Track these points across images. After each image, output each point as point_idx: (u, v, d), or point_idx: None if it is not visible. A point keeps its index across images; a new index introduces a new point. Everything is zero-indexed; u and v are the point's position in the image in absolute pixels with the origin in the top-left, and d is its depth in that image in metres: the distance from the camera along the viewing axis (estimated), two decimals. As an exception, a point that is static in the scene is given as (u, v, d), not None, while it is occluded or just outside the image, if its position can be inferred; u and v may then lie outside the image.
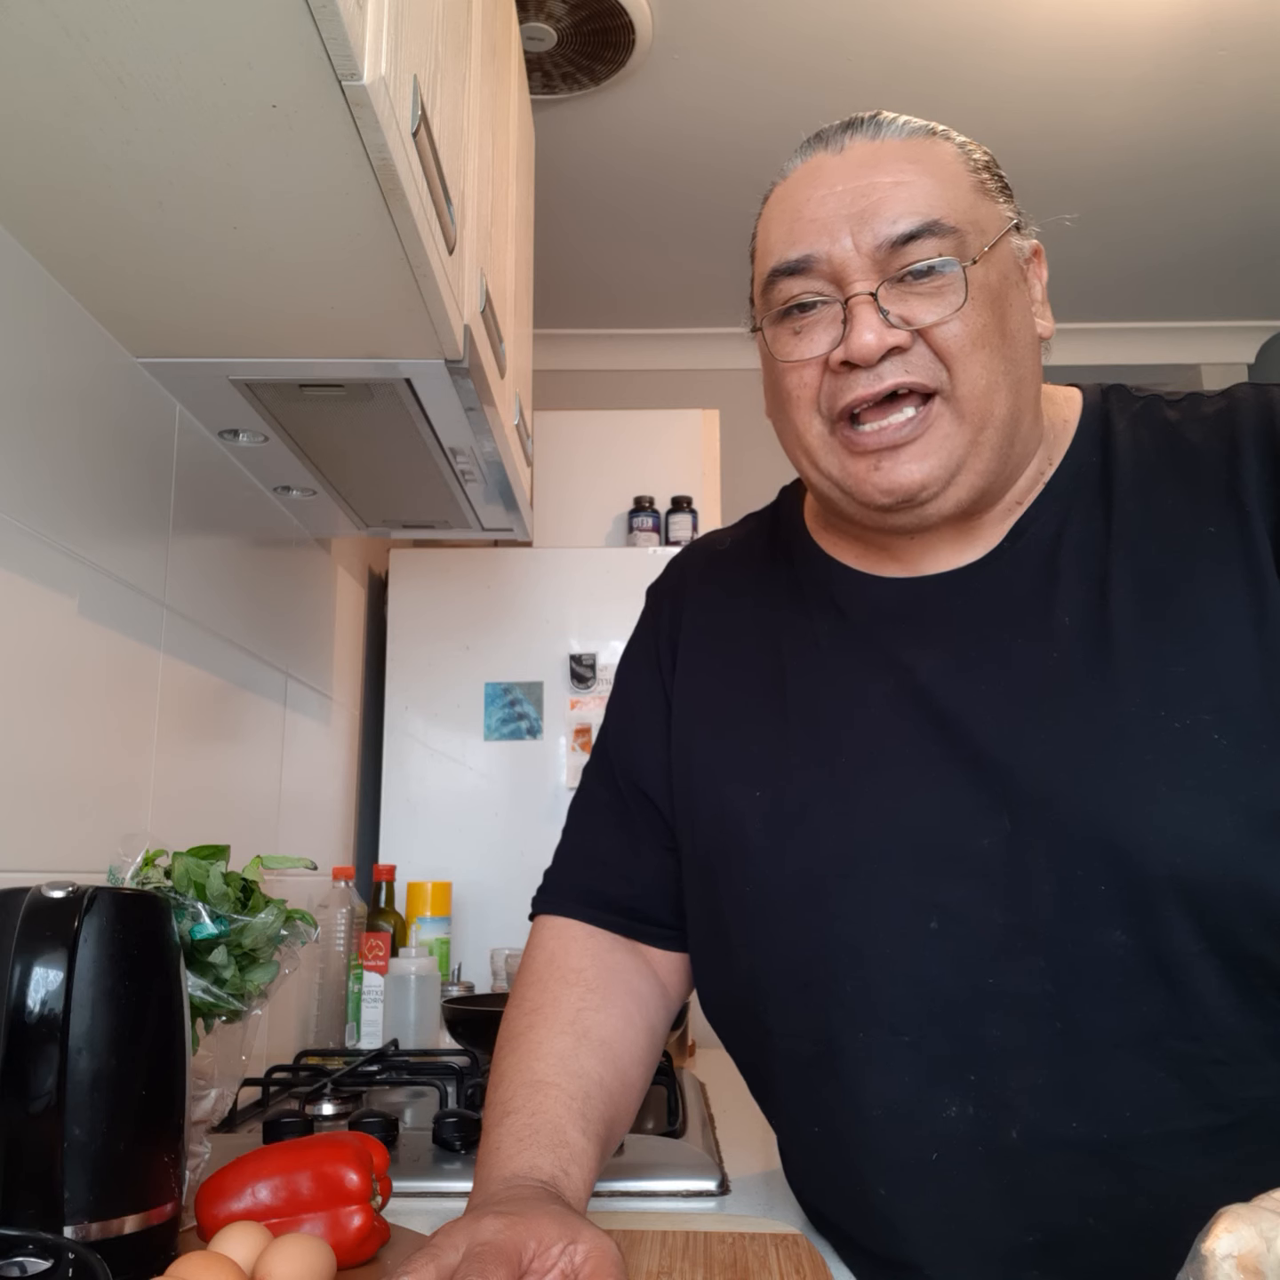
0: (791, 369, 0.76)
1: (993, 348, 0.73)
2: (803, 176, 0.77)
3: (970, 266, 0.73)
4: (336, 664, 2.07)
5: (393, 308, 1.06)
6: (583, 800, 0.95)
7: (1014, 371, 0.75)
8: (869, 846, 0.75)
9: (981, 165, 0.78)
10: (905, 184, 0.73)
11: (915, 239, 0.72)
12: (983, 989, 0.70)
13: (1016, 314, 0.76)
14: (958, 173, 0.76)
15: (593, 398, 3.21)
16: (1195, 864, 0.66)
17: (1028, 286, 0.79)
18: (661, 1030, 0.87)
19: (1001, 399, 0.74)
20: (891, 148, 0.75)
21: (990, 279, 0.74)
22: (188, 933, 0.87)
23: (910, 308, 0.73)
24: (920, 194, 0.73)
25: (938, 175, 0.74)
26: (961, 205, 0.74)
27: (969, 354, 0.72)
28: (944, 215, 0.73)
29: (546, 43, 2.06)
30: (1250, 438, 0.74)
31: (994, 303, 0.74)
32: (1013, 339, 0.75)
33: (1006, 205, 0.78)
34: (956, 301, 0.72)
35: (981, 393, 0.73)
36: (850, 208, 0.73)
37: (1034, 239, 0.80)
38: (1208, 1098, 0.67)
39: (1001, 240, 0.76)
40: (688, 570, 0.96)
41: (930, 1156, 0.71)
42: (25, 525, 1.02)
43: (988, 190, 0.77)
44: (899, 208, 0.73)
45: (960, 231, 0.73)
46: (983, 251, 0.74)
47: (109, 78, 0.76)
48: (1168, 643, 0.71)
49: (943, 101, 2.24)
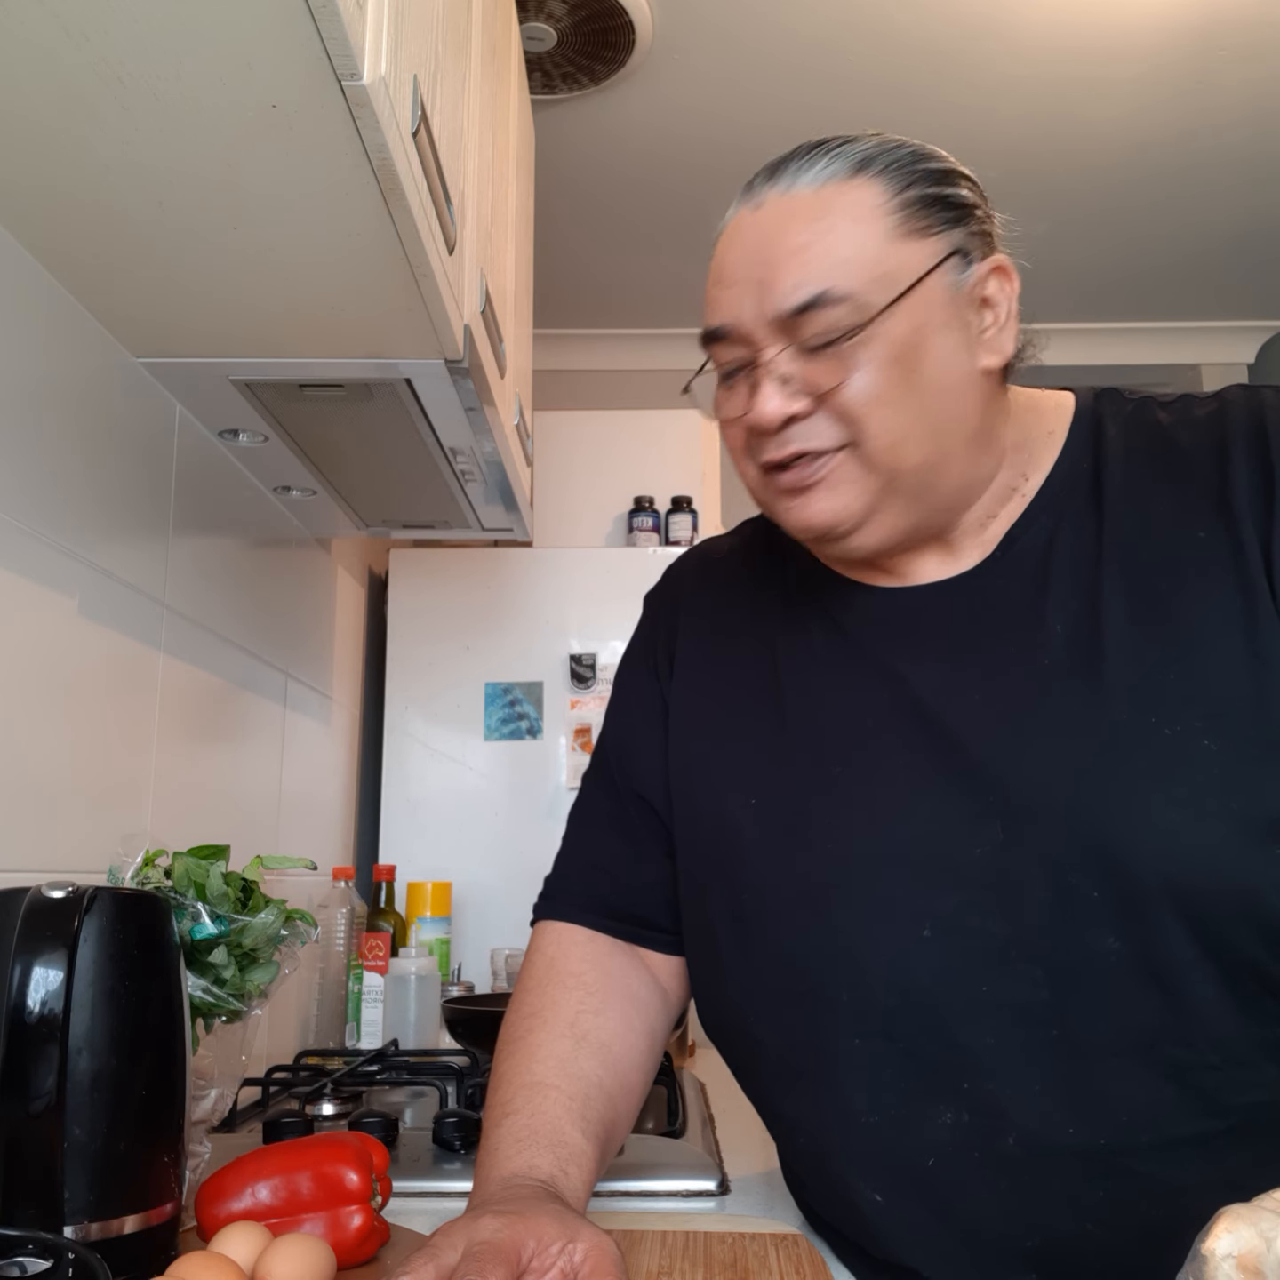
0: (725, 424, 0.79)
1: (895, 404, 0.72)
2: (728, 235, 0.78)
3: (870, 326, 0.71)
4: (336, 664, 2.07)
5: (393, 308, 1.06)
6: (582, 807, 0.95)
7: (931, 420, 0.73)
8: (863, 855, 0.75)
9: (912, 200, 0.74)
10: (803, 250, 0.72)
11: (809, 309, 0.72)
12: (977, 997, 0.70)
13: (940, 357, 0.73)
14: (869, 221, 0.73)
15: (593, 398, 3.21)
16: (1187, 870, 0.66)
17: (974, 315, 0.75)
18: (661, 1034, 0.87)
19: (911, 450, 0.73)
20: (801, 203, 0.74)
21: (899, 331, 0.72)
22: (188, 933, 0.87)
23: (812, 373, 0.73)
24: (816, 261, 0.72)
25: (840, 232, 0.72)
26: (863, 261, 0.72)
27: (871, 413, 0.72)
28: (836, 283, 0.71)
29: (546, 43, 2.06)
30: (1240, 441, 0.73)
31: (903, 356, 0.72)
32: (930, 387, 0.73)
33: (942, 235, 0.74)
34: (854, 365, 0.72)
35: (888, 446, 0.73)
36: (753, 276, 0.74)
37: (995, 256, 0.76)
38: (1204, 1103, 0.67)
39: (924, 282, 0.72)
40: (684, 577, 0.96)
41: (926, 1163, 0.71)
42: (25, 525, 1.02)
43: (913, 229, 0.73)
44: (793, 278, 0.72)
45: (854, 296, 0.71)
46: (888, 306, 0.71)
47: (109, 78, 0.76)
48: (1158, 649, 0.70)
49: (942, 101, 2.22)
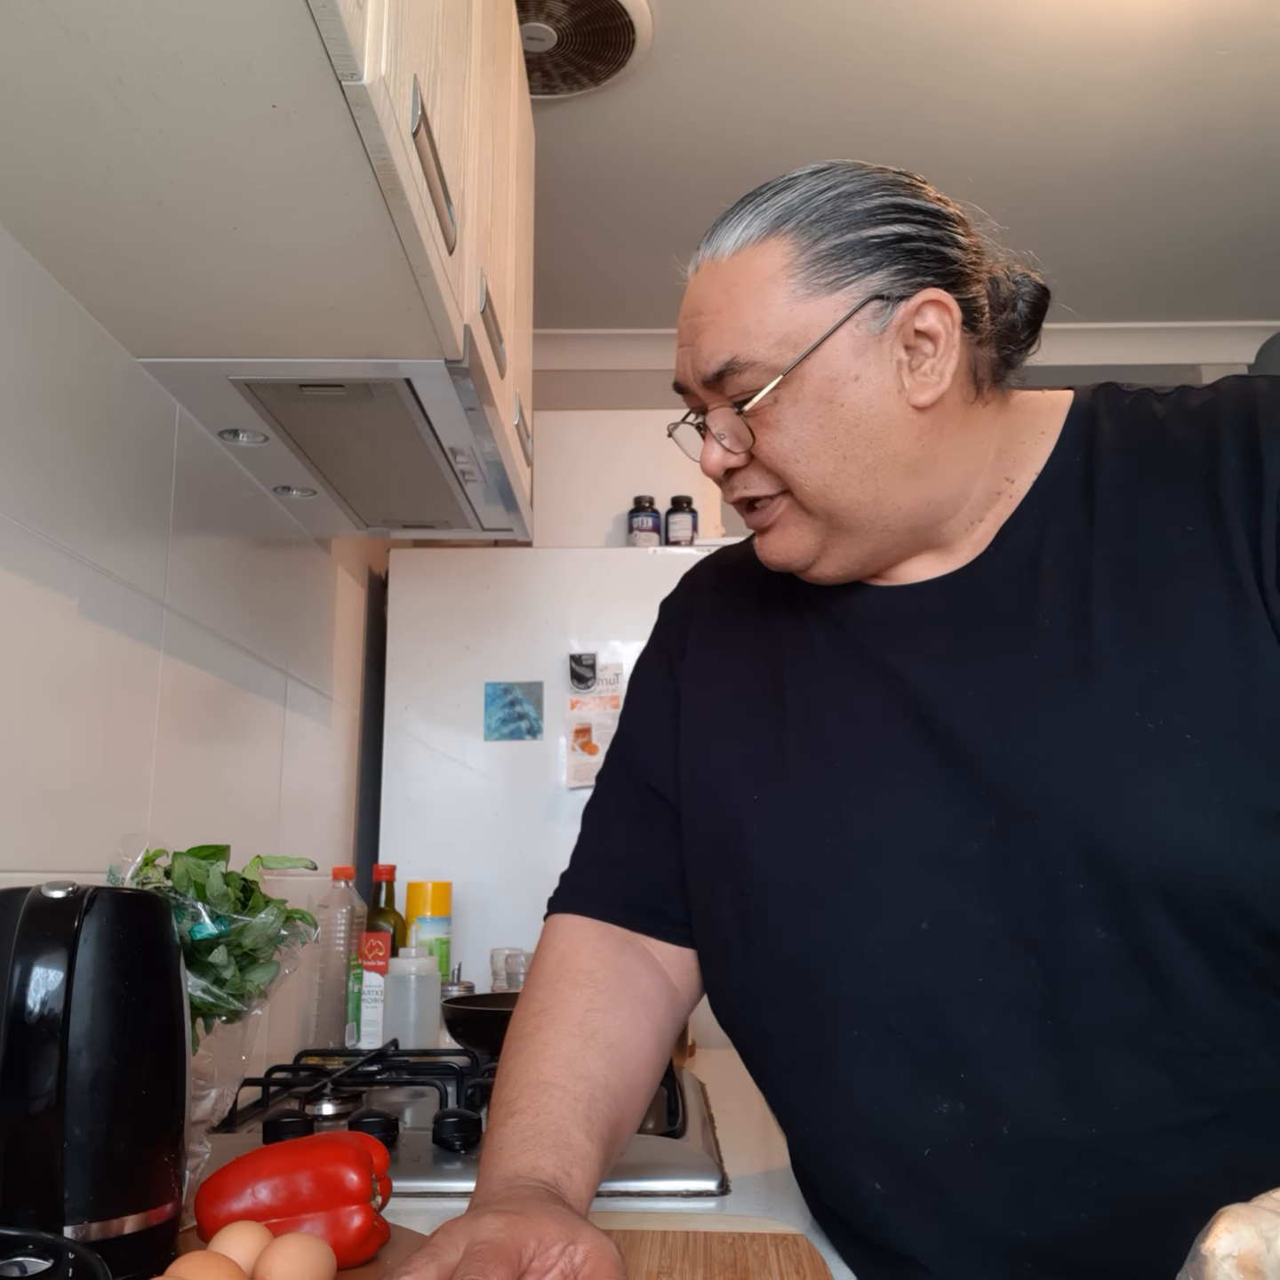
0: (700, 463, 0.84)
1: (812, 456, 0.76)
2: (683, 294, 0.83)
3: (779, 388, 0.75)
4: (336, 664, 2.07)
5: (393, 307, 1.06)
6: (598, 804, 0.96)
7: (852, 465, 0.76)
8: (862, 850, 0.76)
9: (823, 254, 0.75)
10: (716, 318, 0.77)
11: (724, 375, 0.77)
12: (974, 989, 0.71)
13: (854, 406, 0.75)
14: (774, 286, 0.75)
15: (593, 398, 3.21)
16: (1172, 862, 0.67)
17: (902, 354, 0.75)
18: (670, 1035, 0.87)
19: (839, 494, 0.77)
20: (719, 270, 0.78)
21: (809, 387, 0.75)
22: (188, 933, 0.87)
23: (739, 429, 0.79)
24: (727, 329, 0.77)
25: (747, 301, 0.76)
26: (766, 329, 0.75)
27: (790, 466, 0.77)
28: (740, 351, 0.76)
29: (546, 43, 2.06)
30: (1230, 432, 0.73)
31: (809, 414, 0.75)
32: (847, 435, 0.75)
33: (855, 284, 0.75)
34: (773, 421, 0.76)
35: (814, 493, 0.77)
36: (688, 340, 0.80)
37: (927, 291, 0.75)
38: (1195, 1091, 0.68)
39: (830, 339, 0.74)
40: (697, 584, 0.99)
41: (923, 1153, 0.72)
42: (25, 525, 1.02)
43: (822, 284, 0.75)
44: (709, 346, 0.77)
45: (760, 362, 0.75)
46: (793, 367, 0.75)
47: (109, 78, 0.76)
48: (1144, 644, 0.71)
49: (943, 100, 2.23)
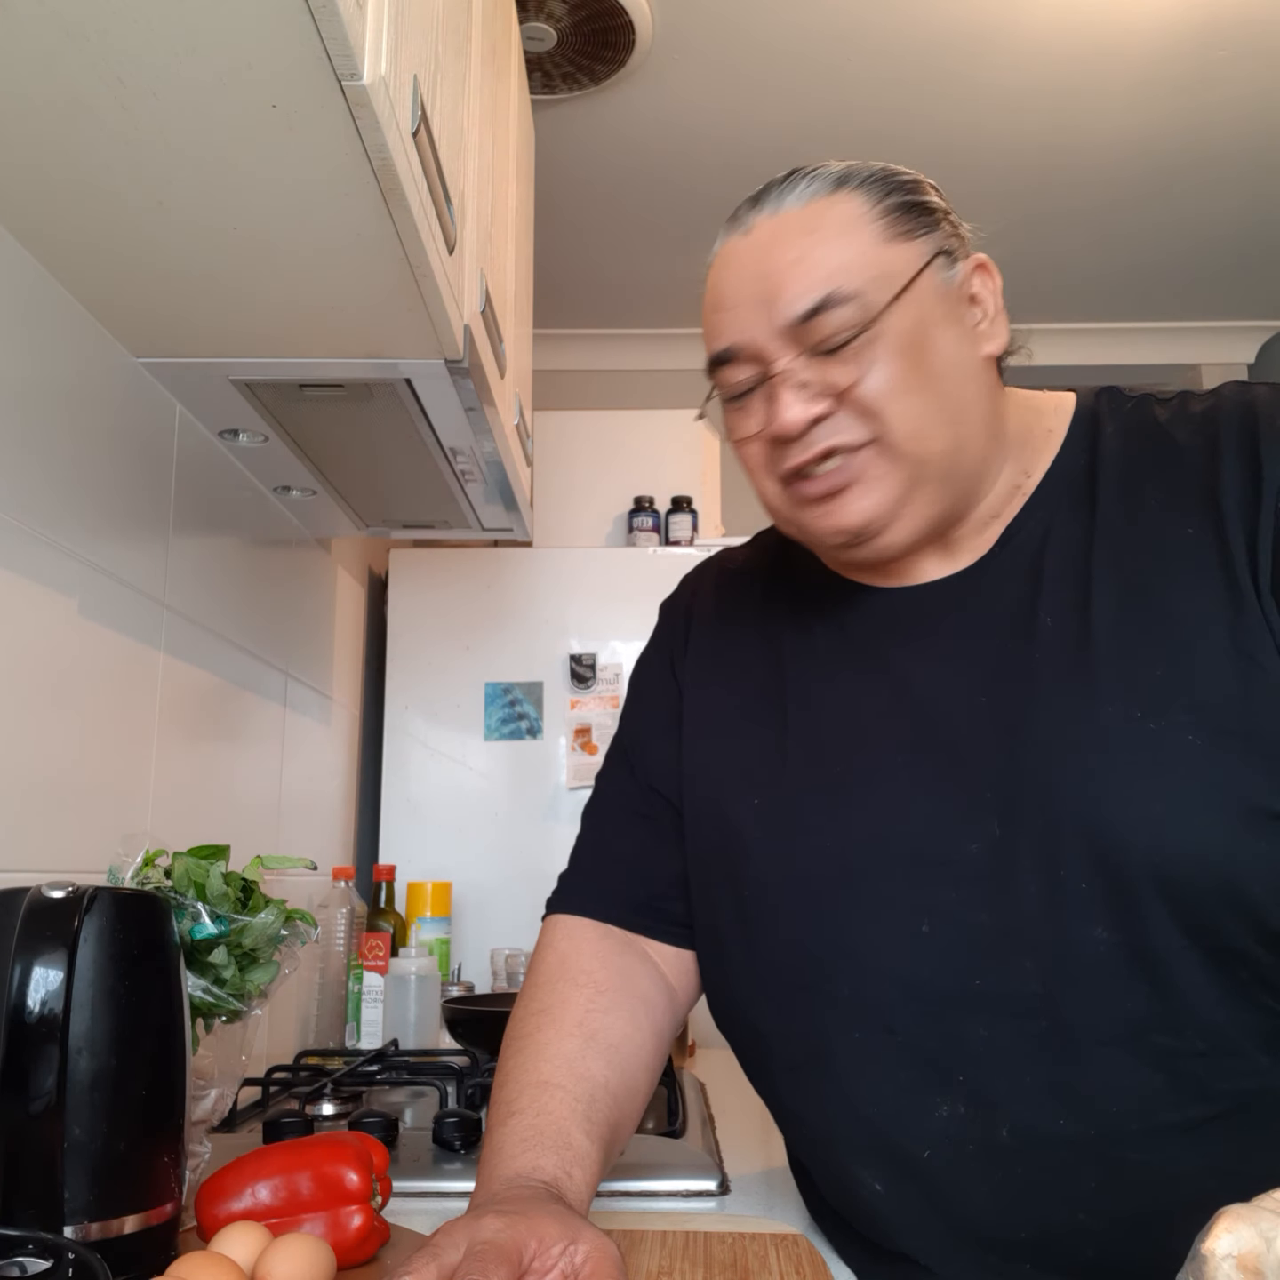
0: (740, 445, 0.81)
1: (915, 390, 0.75)
2: (719, 264, 0.80)
3: (877, 322, 0.74)
4: (336, 664, 2.07)
5: (393, 307, 1.06)
6: (598, 803, 0.96)
7: (946, 406, 0.76)
8: (863, 851, 0.76)
9: (893, 207, 0.77)
10: (802, 259, 0.75)
11: (818, 312, 0.74)
12: (972, 990, 0.71)
13: (944, 348, 0.76)
14: (858, 229, 0.76)
15: (593, 398, 3.21)
16: (1173, 862, 0.67)
17: (966, 310, 0.78)
18: (668, 1036, 0.88)
19: (935, 436, 0.75)
20: (790, 221, 0.77)
21: (904, 325, 0.74)
22: (188, 933, 0.87)
23: (829, 373, 0.75)
24: (817, 267, 0.75)
25: (834, 240, 0.75)
26: (862, 263, 0.75)
27: (892, 404, 0.74)
28: (841, 283, 0.74)
29: (546, 43, 2.06)
30: (1231, 438, 0.74)
31: (911, 348, 0.75)
32: (940, 375, 0.76)
33: (925, 238, 0.77)
34: (870, 360, 0.74)
35: (912, 434, 0.75)
36: (756, 293, 0.76)
37: (973, 255, 0.79)
38: (1193, 1091, 0.68)
39: (918, 279, 0.75)
40: (699, 586, 0.99)
41: (922, 1154, 0.72)
42: (25, 525, 1.02)
43: (899, 232, 0.77)
44: (798, 285, 0.75)
45: (861, 294, 0.74)
46: (890, 302, 0.74)
47: (109, 78, 0.76)
48: (1146, 644, 0.71)
49: (943, 99, 2.23)
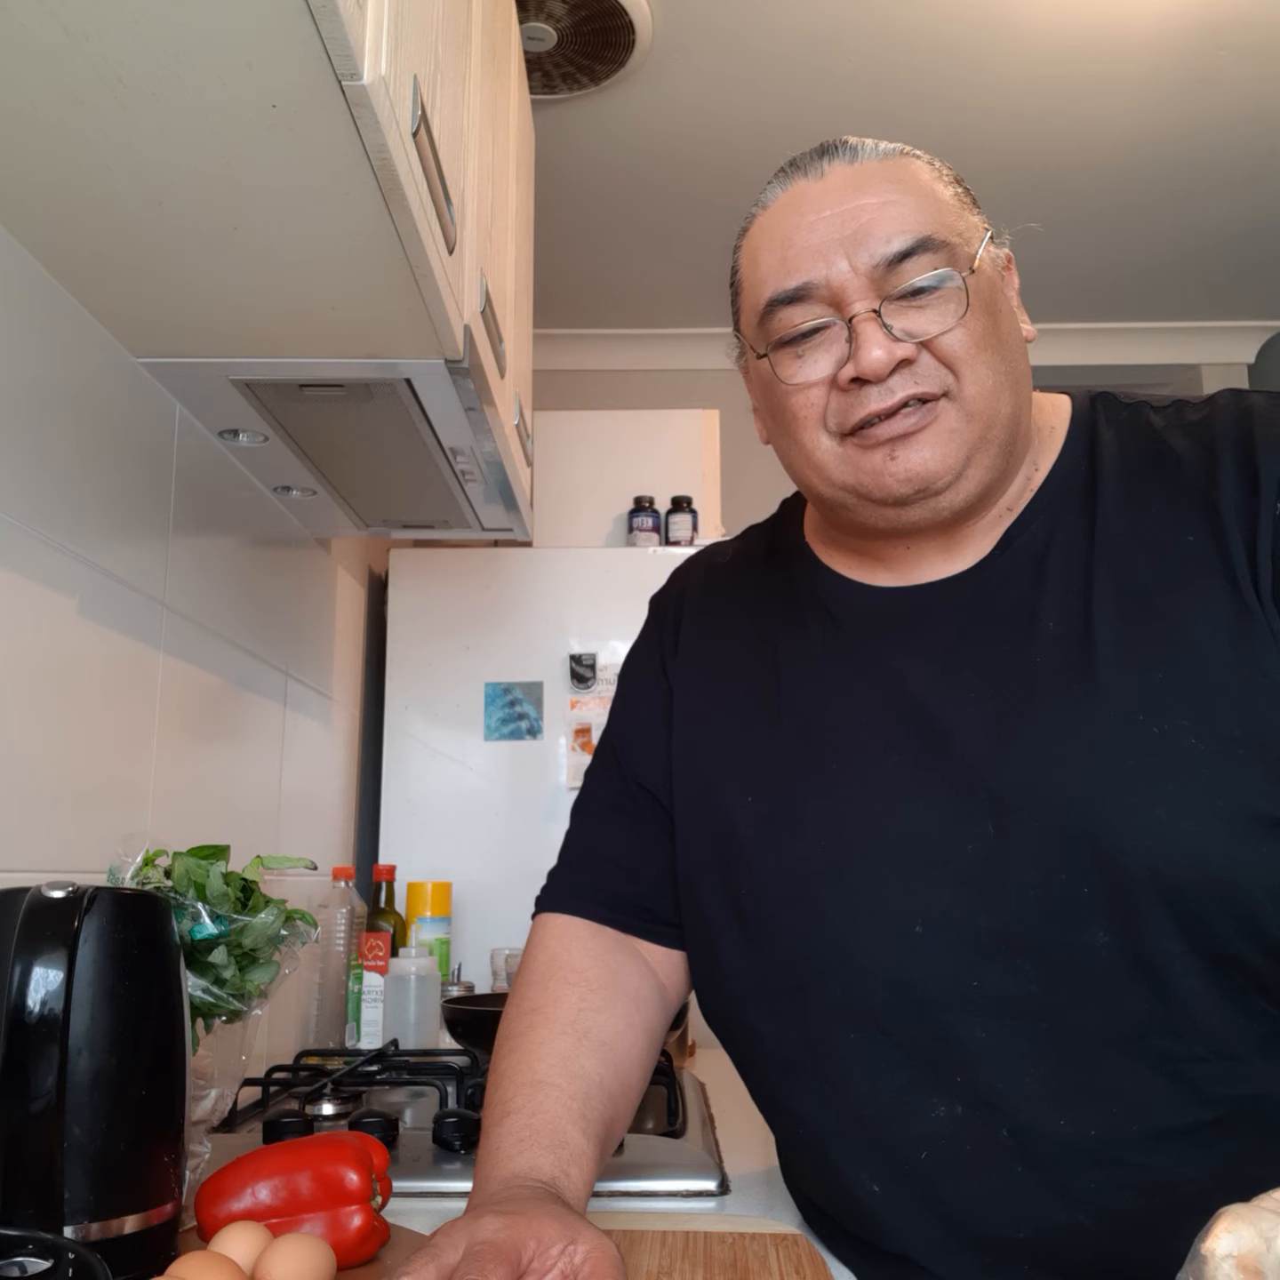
0: (797, 391, 0.77)
1: (993, 349, 0.76)
2: (786, 204, 0.78)
3: (968, 276, 0.75)
4: (336, 664, 2.07)
5: (393, 307, 1.06)
6: (587, 801, 0.96)
7: (1012, 372, 0.78)
8: (857, 852, 0.76)
9: (953, 179, 0.81)
10: (893, 203, 0.75)
11: (910, 255, 0.74)
12: (969, 992, 0.71)
13: (1006, 318, 0.79)
14: (937, 188, 0.78)
15: (593, 398, 3.21)
16: (1173, 867, 0.67)
17: (1009, 290, 0.82)
18: (660, 1032, 0.88)
19: (1006, 398, 0.77)
20: (871, 169, 0.77)
21: (981, 286, 0.77)
22: (188, 933, 0.87)
23: (912, 321, 0.75)
24: (909, 211, 0.75)
25: (920, 192, 0.77)
26: (947, 219, 0.77)
27: (974, 358, 0.75)
28: (935, 230, 0.75)
29: (546, 43, 2.06)
30: (1228, 446, 0.75)
31: (988, 308, 0.77)
32: (1006, 341, 0.78)
33: (980, 217, 0.81)
34: (958, 311, 0.75)
35: (989, 392, 0.76)
36: (841, 230, 0.75)
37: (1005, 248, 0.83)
38: (1193, 1095, 0.68)
39: (984, 249, 0.78)
40: (689, 580, 0.98)
41: (919, 1155, 0.72)
42: (25, 525, 1.02)
43: (965, 203, 0.80)
44: (890, 226, 0.74)
45: (951, 245, 0.75)
46: (974, 260, 0.76)
47: (109, 78, 0.76)
48: (1147, 649, 0.72)
49: (943, 99, 2.23)
